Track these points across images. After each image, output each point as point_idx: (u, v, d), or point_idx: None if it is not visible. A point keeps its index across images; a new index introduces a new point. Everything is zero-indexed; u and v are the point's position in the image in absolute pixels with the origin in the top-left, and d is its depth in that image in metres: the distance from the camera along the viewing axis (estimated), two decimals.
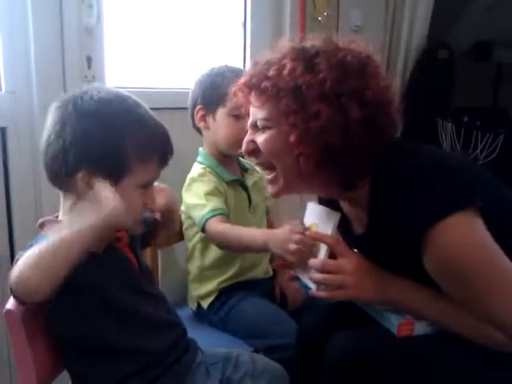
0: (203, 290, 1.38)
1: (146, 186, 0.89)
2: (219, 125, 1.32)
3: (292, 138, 0.87)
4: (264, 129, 0.93)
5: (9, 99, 1.23)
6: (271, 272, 1.49)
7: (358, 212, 0.99)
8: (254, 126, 0.96)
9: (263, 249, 1.13)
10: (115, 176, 0.84)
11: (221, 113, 1.31)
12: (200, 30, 1.74)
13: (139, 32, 1.57)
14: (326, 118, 0.85)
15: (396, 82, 2.42)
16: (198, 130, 1.40)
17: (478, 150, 2.37)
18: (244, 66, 1.87)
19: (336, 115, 0.85)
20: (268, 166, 0.96)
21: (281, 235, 1.06)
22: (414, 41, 2.42)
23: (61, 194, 0.89)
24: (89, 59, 1.33)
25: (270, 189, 0.99)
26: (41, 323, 0.86)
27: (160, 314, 0.94)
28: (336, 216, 0.99)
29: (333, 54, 0.88)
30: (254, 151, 0.97)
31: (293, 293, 1.44)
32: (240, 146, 1.01)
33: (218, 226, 1.23)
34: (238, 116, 1.26)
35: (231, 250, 1.28)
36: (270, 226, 1.50)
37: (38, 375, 0.85)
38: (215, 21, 1.81)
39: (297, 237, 1.01)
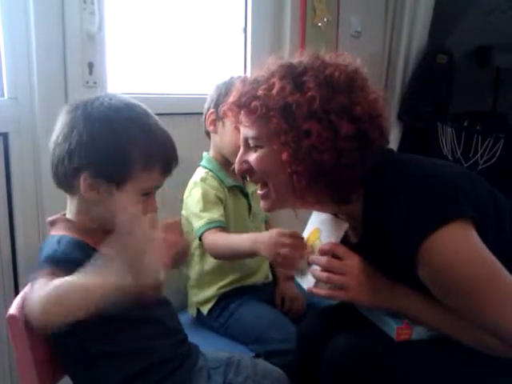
0: (202, 296, 1.38)
1: (148, 193, 0.90)
2: (227, 130, 1.33)
3: (284, 157, 0.88)
4: (256, 147, 0.94)
5: (11, 105, 1.23)
6: (271, 277, 1.49)
7: (353, 222, 0.99)
8: (246, 144, 0.97)
9: (252, 253, 1.14)
10: (117, 181, 0.86)
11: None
12: (201, 36, 1.75)
13: (140, 38, 1.58)
14: (316, 136, 0.85)
15: (397, 85, 2.44)
16: (208, 134, 1.41)
17: (479, 155, 2.37)
18: (245, 72, 1.88)
19: (327, 132, 0.85)
20: (261, 182, 0.97)
21: (270, 238, 1.07)
22: (414, 45, 2.43)
23: (67, 195, 0.91)
24: (90, 65, 1.33)
25: (262, 204, 0.99)
26: None
27: (161, 318, 0.94)
28: (344, 226, 0.99)
29: (320, 71, 0.89)
30: (248, 171, 0.97)
31: (294, 302, 1.44)
32: None
33: (210, 237, 1.24)
34: None
35: (226, 258, 1.29)
36: None
37: (40, 381, 0.85)
38: (216, 27, 1.81)
39: (287, 240, 1.02)
